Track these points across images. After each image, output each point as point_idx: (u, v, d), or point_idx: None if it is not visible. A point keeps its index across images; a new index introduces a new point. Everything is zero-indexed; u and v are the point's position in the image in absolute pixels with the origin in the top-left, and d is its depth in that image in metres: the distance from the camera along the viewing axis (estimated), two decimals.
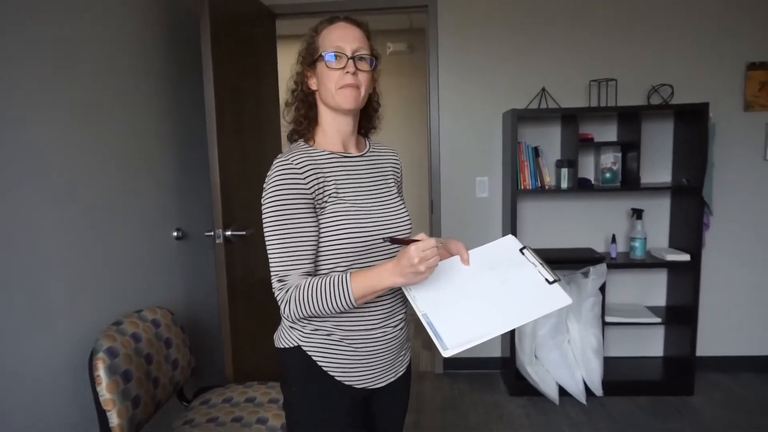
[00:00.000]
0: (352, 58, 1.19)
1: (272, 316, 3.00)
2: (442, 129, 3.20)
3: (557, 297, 1.13)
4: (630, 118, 2.93)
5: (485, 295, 1.15)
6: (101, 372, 1.55)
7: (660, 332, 3.24)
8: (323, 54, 1.20)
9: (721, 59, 3.01)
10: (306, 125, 1.29)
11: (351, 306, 1.13)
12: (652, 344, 3.25)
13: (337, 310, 1.14)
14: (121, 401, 1.57)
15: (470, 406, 2.88)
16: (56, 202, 1.64)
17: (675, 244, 3.08)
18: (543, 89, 3.05)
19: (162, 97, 2.30)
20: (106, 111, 1.91)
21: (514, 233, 2.89)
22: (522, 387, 2.97)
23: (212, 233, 2.26)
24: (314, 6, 3.23)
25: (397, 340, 1.29)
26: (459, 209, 3.25)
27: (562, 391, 2.90)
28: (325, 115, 1.27)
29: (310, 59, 1.25)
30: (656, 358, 3.23)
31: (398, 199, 1.34)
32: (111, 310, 1.87)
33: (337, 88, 1.20)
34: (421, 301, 1.16)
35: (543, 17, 3.06)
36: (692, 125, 2.86)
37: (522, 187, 2.97)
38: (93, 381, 1.55)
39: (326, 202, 1.18)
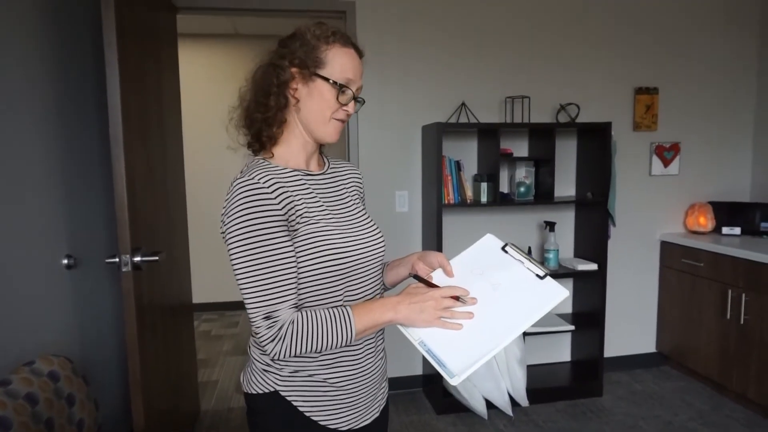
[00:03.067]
0: (356, 98, 1.13)
1: (185, 350, 2.65)
2: (361, 141, 3.07)
3: (553, 291, 1.06)
4: (541, 134, 3.07)
5: (480, 306, 1.06)
6: None
7: (567, 338, 3.42)
8: (334, 80, 1.08)
9: (616, 83, 3.28)
10: (269, 134, 1.13)
11: (349, 342, 1.04)
12: (561, 350, 3.42)
13: (334, 347, 1.04)
14: None
15: (400, 429, 2.76)
16: None
17: (580, 254, 3.27)
18: (463, 103, 3.07)
19: (41, 93, 1.88)
20: None
21: (439, 248, 2.85)
22: (449, 404, 2.92)
23: (116, 260, 1.88)
24: (219, 2, 2.93)
25: (379, 371, 1.21)
26: (379, 224, 3.12)
27: (489, 405, 2.91)
28: (295, 129, 1.14)
29: (312, 69, 1.09)
30: (565, 363, 3.40)
31: (368, 216, 1.24)
32: None
33: (330, 118, 1.11)
34: (414, 327, 1.07)
35: (461, 33, 3.09)
36: (595, 142, 3.07)
37: (446, 202, 2.95)
38: None
39: (298, 223, 1.05)
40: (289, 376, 1.10)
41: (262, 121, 1.12)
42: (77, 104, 2.09)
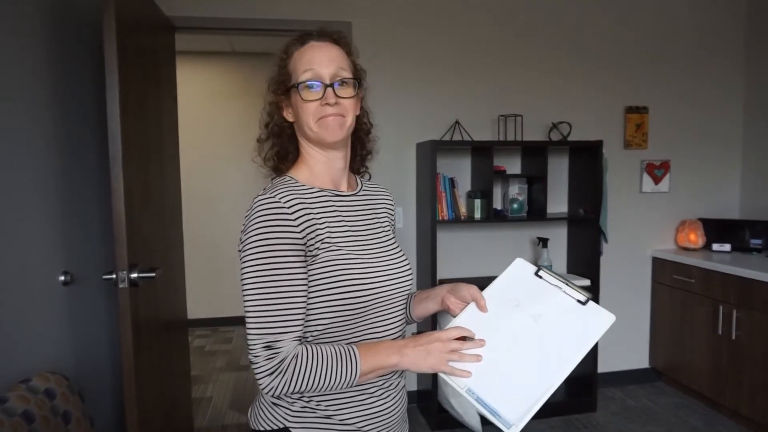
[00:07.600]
0: (331, 85, 1.02)
1: (180, 367, 2.64)
2: None
3: (599, 317, 0.99)
4: (534, 152, 3.12)
5: (524, 343, 0.99)
6: None
7: None
8: (294, 83, 1.04)
9: (607, 102, 3.35)
10: (284, 164, 1.12)
11: (350, 384, 0.97)
12: None
13: (335, 388, 0.97)
14: None
15: None
16: None
17: (573, 269, 3.31)
18: (457, 122, 3.12)
19: (41, 108, 1.90)
20: None
21: (434, 264, 2.87)
22: (444, 420, 2.92)
23: (113, 276, 1.89)
24: (216, 21, 2.97)
25: (398, 411, 1.11)
26: None
27: (484, 421, 2.90)
28: (308, 149, 1.10)
29: (283, 87, 1.07)
30: None
31: (396, 245, 1.17)
32: None
33: (315, 120, 1.04)
34: (421, 371, 1.00)
35: (455, 52, 3.15)
36: (587, 160, 3.12)
37: (440, 218, 2.98)
38: None
39: (318, 249, 0.99)
40: (301, 412, 1.02)
41: (279, 154, 1.12)
42: (76, 122, 2.11)
